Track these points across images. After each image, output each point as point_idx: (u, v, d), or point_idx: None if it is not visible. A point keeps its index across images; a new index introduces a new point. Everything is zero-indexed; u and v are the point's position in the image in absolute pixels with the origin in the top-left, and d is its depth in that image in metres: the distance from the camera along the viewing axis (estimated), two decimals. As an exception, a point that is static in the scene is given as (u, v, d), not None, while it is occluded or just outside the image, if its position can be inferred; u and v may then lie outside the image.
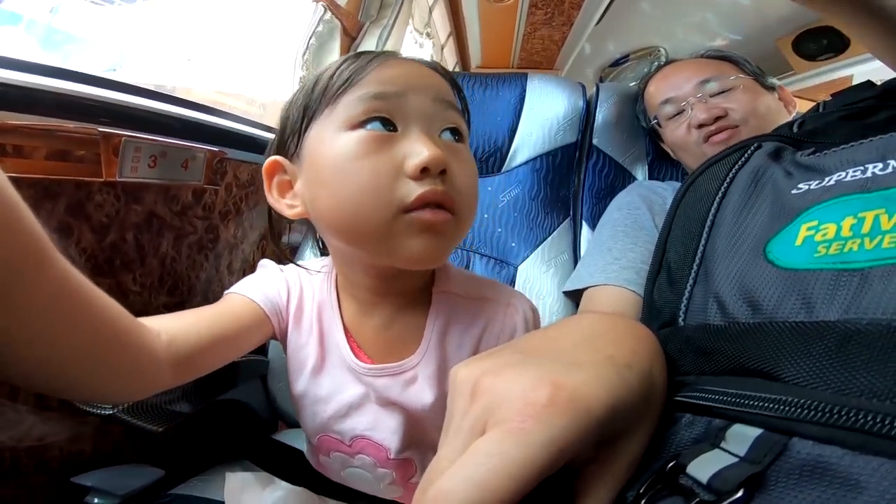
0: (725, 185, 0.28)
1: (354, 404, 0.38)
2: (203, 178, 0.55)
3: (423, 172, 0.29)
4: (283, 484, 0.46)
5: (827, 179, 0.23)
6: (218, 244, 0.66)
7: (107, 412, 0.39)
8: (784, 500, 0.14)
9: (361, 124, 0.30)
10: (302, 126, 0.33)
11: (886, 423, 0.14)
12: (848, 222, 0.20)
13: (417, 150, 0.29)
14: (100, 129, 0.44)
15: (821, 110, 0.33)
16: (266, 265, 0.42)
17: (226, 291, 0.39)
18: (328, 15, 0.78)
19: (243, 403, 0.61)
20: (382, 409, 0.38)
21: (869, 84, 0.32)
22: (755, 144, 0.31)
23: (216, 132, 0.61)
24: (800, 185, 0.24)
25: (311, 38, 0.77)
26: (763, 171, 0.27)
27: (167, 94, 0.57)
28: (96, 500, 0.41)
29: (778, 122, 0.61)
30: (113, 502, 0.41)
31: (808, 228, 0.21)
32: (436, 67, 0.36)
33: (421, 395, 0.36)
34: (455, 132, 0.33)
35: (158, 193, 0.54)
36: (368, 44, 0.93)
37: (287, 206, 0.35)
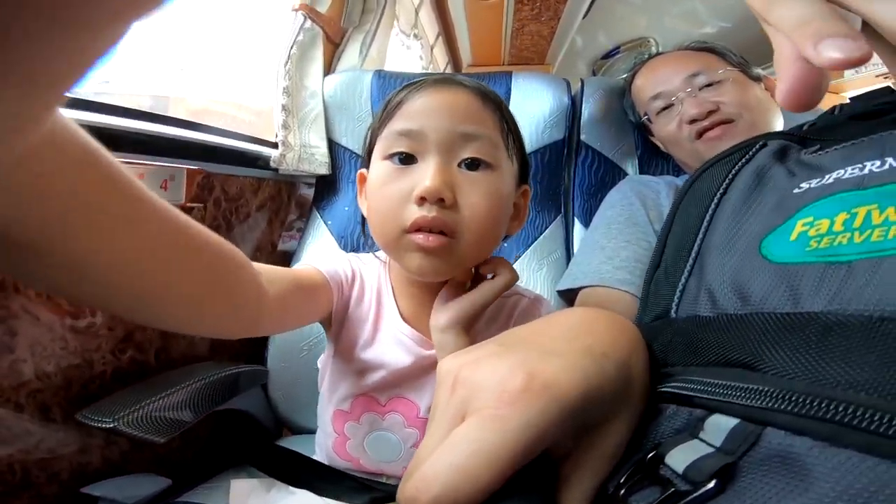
0: (727, 182, 0.28)
1: (405, 370, 0.43)
2: (184, 197, 0.55)
3: (422, 200, 0.34)
4: (289, 489, 0.47)
5: (827, 177, 0.23)
6: (213, 256, 0.67)
7: (108, 426, 0.40)
8: (750, 492, 0.15)
9: (390, 157, 0.37)
10: (370, 149, 0.40)
11: (858, 413, 0.13)
12: (841, 217, 0.20)
13: (423, 180, 0.34)
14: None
15: (836, 113, 0.33)
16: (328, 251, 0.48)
17: (293, 267, 0.43)
18: (309, 23, 0.78)
19: (245, 412, 0.62)
20: (426, 373, 0.43)
21: (888, 90, 0.32)
22: (760, 143, 0.31)
23: (201, 148, 0.61)
24: (801, 185, 0.24)
25: (292, 48, 0.77)
26: (766, 170, 0.27)
27: (147, 112, 0.57)
28: (105, 511, 0.42)
29: (770, 113, 0.61)
30: (121, 512, 0.42)
31: (804, 224, 0.21)
32: (469, 90, 0.38)
33: None
34: (474, 163, 0.36)
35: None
36: (352, 50, 0.93)
37: (365, 207, 0.42)
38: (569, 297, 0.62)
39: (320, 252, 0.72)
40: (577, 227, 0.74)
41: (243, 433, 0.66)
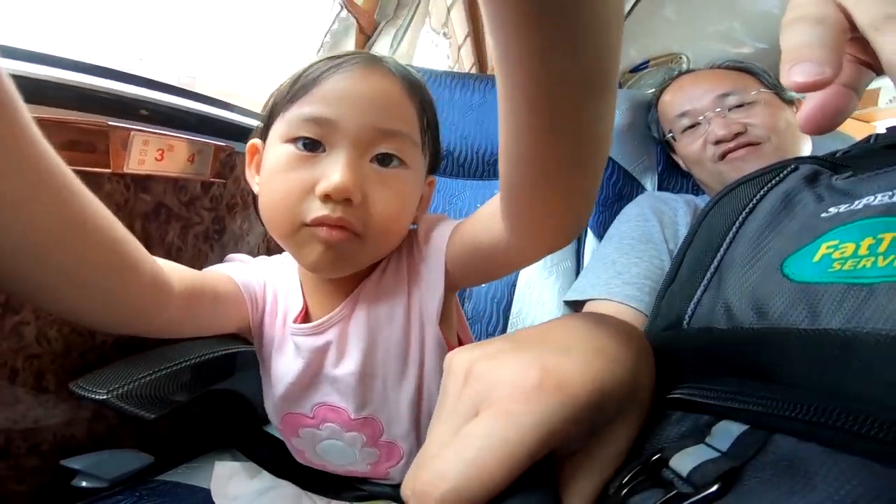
0: (754, 202, 0.28)
1: (307, 374, 0.39)
2: (209, 171, 0.56)
3: (327, 198, 0.32)
4: (272, 478, 0.46)
5: (857, 203, 0.23)
6: (224, 235, 0.67)
7: (101, 397, 0.40)
8: (754, 495, 0.15)
9: (293, 140, 0.33)
10: (270, 121, 0.36)
11: (868, 422, 0.14)
12: (867, 242, 0.20)
13: (330, 175, 0.31)
14: (109, 122, 0.46)
15: (872, 142, 0.33)
16: (237, 258, 0.44)
17: (202, 270, 0.39)
18: (344, 13, 0.78)
19: (239, 394, 0.62)
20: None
21: None
22: (791, 166, 0.31)
23: (227, 126, 0.62)
24: (829, 209, 0.24)
25: (326, 36, 0.78)
26: (795, 193, 0.28)
27: (179, 88, 0.58)
28: (84, 483, 0.42)
29: (798, 138, 0.59)
30: (101, 485, 0.42)
31: (828, 247, 0.21)
32: (395, 77, 0.35)
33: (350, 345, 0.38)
34: (387, 159, 0.34)
35: (168, 184, 0.55)
36: (383, 42, 0.93)
37: (256, 184, 0.38)
38: (575, 308, 0.61)
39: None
40: (590, 237, 0.73)
41: (232, 414, 0.66)
